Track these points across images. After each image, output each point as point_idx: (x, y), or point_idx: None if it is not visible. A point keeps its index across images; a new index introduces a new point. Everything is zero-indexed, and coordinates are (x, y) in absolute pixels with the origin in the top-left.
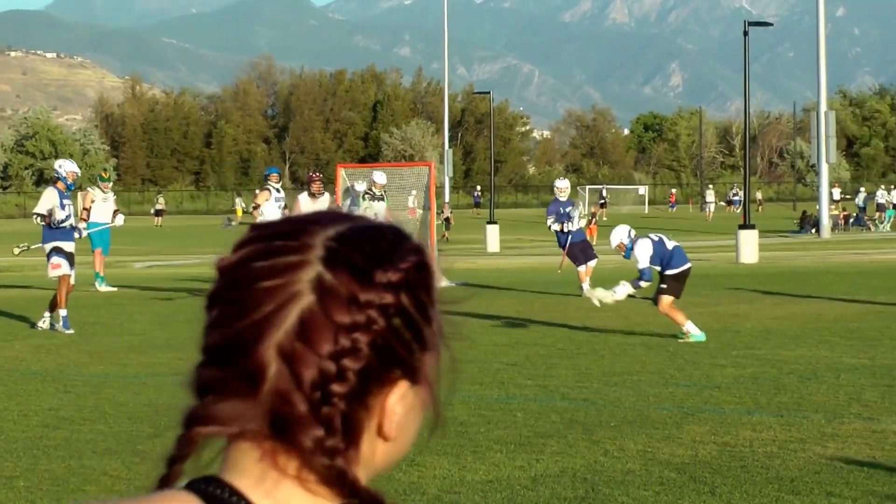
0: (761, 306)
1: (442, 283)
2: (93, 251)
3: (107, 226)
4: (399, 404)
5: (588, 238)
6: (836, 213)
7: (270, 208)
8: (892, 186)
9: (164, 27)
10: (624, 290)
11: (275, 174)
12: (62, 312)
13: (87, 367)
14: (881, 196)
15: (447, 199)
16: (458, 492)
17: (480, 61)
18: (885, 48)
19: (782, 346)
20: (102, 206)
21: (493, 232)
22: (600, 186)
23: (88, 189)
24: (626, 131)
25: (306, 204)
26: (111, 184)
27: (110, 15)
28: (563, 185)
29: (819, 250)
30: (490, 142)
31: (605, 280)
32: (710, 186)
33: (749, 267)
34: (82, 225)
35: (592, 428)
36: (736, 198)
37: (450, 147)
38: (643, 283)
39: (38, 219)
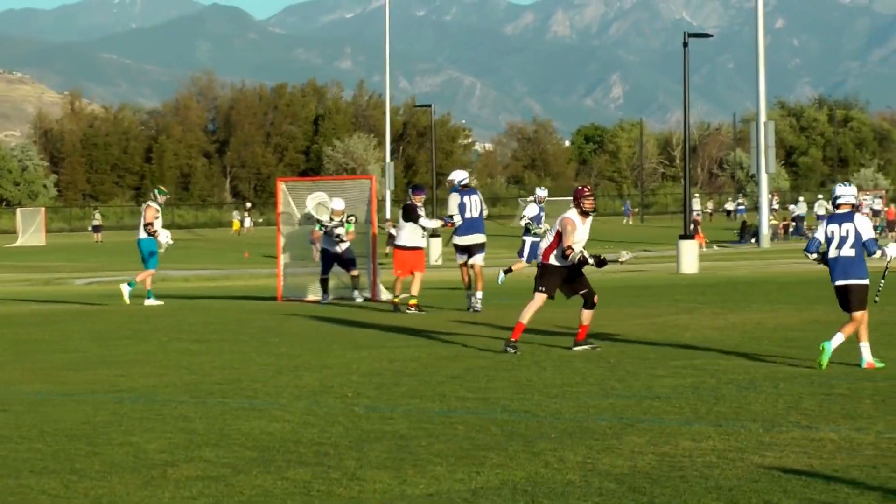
0: (701, 316)
1: (382, 296)
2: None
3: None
4: None
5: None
6: (775, 222)
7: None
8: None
9: (105, 42)
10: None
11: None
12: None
13: (25, 385)
14: (819, 206)
15: (388, 215)
16: None
17: (422, 74)
18: (824, 59)
19: (722, 356)
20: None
21: (435, 244)
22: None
23: (149, 203)
24: (568, 143)
25: (580, 225)
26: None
27: (52, 30)
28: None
29: (759, 260)
30: (432, 154)
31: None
32: (697, 196)
33: (689, 277)
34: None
35: (533, 440)
36: (742, 208)
37: (391, 160)
38: None
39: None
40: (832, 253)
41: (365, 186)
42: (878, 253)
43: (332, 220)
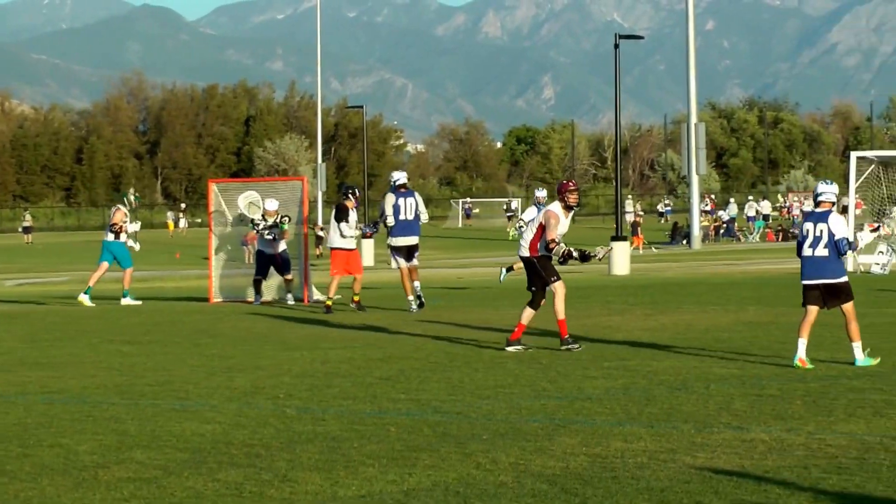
0: (632, 318)
1: (315, 296)
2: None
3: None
4: None
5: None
6: (706, 224)
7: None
8: (762, 197)
9: (35, 43)
10: None
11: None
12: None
13: None
14: (749, 208)
15: (320, 218)
16: None
17: (354, 75)
18: (754, 61)
19: (653, 357)
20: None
21: (368, 246)
22: (469, 200)
23: (119, 206)
24: (499, 144)
25: (563, 219)
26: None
27: None
28: None
29: (690, 261)
30: (363, 155)
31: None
32: (630, 197)
33: (621, 279)
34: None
35: (465, 441)
36: (668, 209)
37: (323, 161)
38: None
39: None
40: (806, 252)
41: (297, 188)
42: (850, 254)
43: (264, 219)
